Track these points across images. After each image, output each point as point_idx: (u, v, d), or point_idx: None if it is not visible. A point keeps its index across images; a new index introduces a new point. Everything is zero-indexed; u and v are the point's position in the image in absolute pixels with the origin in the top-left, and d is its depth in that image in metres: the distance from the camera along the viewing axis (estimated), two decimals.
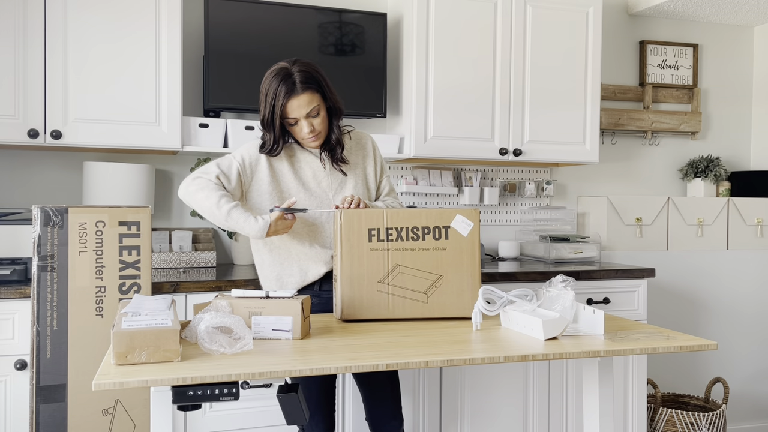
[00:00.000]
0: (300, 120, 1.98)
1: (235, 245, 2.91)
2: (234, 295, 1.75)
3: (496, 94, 3.02)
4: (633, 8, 3.61)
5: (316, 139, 2.03)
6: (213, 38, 2.75)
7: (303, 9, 2.88)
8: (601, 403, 1.88)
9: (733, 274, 3.62)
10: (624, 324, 1.92)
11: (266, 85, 1.98)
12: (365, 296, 1.90)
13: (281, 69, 1.97)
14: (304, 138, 2.02)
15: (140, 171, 2.68)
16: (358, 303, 1.90)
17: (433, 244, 1.95)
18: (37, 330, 2.08)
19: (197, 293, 2.38)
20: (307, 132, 1.99)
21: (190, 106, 2.91)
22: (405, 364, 1.50)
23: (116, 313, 1.88)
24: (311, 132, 2.00)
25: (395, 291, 1.92)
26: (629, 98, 3.64)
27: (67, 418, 2.09)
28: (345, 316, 1.90)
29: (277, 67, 1.99)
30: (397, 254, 1.92)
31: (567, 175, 3.57)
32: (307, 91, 1.95)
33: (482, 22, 2.99)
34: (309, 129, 1.99)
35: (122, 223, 2.16)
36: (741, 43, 3.89)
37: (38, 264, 2.08)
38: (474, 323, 1.83)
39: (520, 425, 2.77)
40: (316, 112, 1.99)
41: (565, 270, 2.84)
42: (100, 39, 2.53)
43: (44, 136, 2.48)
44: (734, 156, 3.89)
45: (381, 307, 1.91)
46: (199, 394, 1.39)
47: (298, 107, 1.96)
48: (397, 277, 1.92)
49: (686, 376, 3.60)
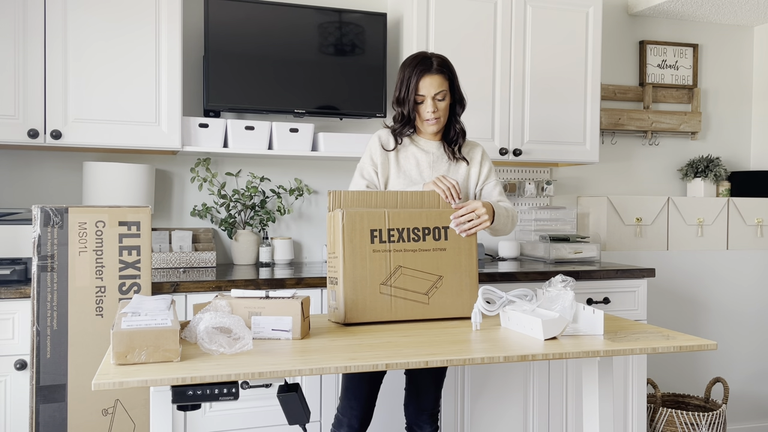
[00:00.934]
0: (427, 99, 2.13)
1: (235, 245, 2.91)
2: (234, 295, 1.75)
3: (496, 94, 3.02)
4: (633, 8, 3.61)
5: (436, 123, 2.17)
6: (213, 38, 2.75)
7: (303, 9, 2.88)
8: (601, 403, 1.88)
9: (733, 274, 3.61)
10: (624, 324, 1.92)
11: (406, 63, 2.17)
12: (368, 298, 1.89)
13: (422, 53, 2.19)
14: (426, 119, 2.15)
15: (140, 171, 2.68)
16: (362, 306, 1.89)
17: (433, 245, 1.95)
18: (37, 330, 2.08)
19: (197, 293, 2.38)
20: (431, 111, 2.13)
21: (190, 106, 2.91)
22: (405, 364, 1.50)
23: (116, 313, 1.88)
24: (434, 113, 2.14)
25: (397, 293, 1.91)
26: (629, 98, 3.64)
27: (67, 418, 2.09)
28: (348, 320, 1.88)
29: (418, 52, 2.20)
30: (398, 255, 1.92)
31: (567, 175, 3.57)
32: (440, 74, 2.13)
33: (482, 22, 2.99)
34: (433, 109, 2.14)
35: (122, 223, 2.16)
36: (741, 43, 3.89)
37: (38, 264, 2.08)
38: (474, 323, 1.83)
39: (520, 425, 2.76)
40: (442, 96, 2.14)
41: (565, 270, 2.84)
42: (100, 39, 2.53)
43: (44, 136, 2.48)
44: (734, 156, 3.89)
45: (383, 310, 1.90)
46: (199, 394, 1.39)
47: (430, 85, 2.12)
48: (399, 279, 1.92)
49: (686, 376, 3.60)
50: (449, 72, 2.16)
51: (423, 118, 2.16)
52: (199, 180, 2.94)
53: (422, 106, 2.15)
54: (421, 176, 2.20)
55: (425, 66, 2.12)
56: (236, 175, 3.03)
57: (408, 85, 2.13)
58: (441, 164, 2.22)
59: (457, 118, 2.22)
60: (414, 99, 2.13)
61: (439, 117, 2.15)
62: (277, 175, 3.10)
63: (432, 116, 2.14)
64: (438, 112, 2.15)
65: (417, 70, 2.12)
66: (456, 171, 2.23)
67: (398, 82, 2.17)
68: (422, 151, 2.22)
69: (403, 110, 2.16)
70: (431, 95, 2.12)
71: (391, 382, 2.38)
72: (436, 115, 2.14)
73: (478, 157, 2.28)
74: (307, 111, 2.89)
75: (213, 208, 3.00)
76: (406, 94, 2.14)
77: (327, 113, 2.94)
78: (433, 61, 2.13)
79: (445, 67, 2.15)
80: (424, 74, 2.11)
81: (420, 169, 2.20)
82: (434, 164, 2.21)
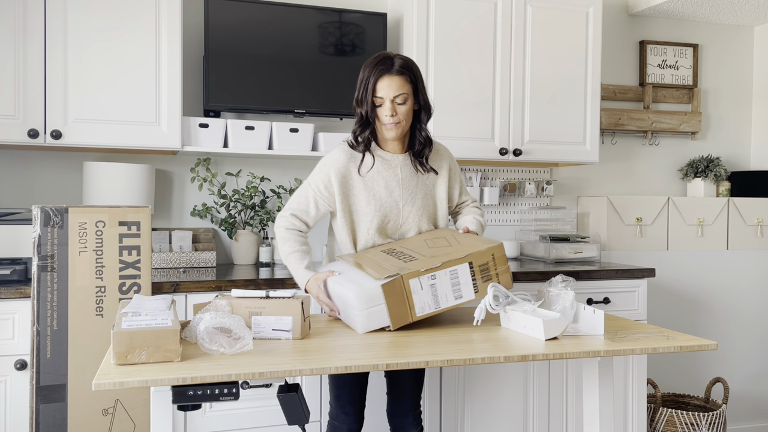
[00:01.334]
0: (386, 101, 2.00)
1: (235, 245, 2.91)
2: (234, 295, 1.75)
3: (496, 94, 3.02)
4: (633, 8, 3.61)
5: (396, 127, 2.03)
6: (213, 38, 2.75)
7: (303, 9, 2.88)
8: (601, 403, 1.88)
9: (733, 274, 3.61)
10: (624, 324, 1.92)
11: (367, 63, 2.04)
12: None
13: (384, 53, 2.06)
14: (385, 123, 2.02)
15: (140, 171, 2.68)
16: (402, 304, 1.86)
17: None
18: (37, 330, 2.08)
19: (197, 293, 2.38)
20: (389, 115, 2.00)
21: (190, 106, 2.91)
22: (405, 364, 1.50)
23: (116, 313, 1.89)
24: (392, 116, 2.00)
25: (405, 257, 1.92)
26: (629, 98, 3.64)
27: (67, 418, 2.09)
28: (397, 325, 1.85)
29: (381, 52, 2.08)
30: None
31: (567, 175, 3.57)
32: (401, 75, 2.00)
33: (482, 22, 2.99)
34: (392, 112, 2.00)
35: (122, 223, 2.16)
36: (741, 43, 3.89)
37: (38, 264, 2.08)
38: (476, 318, 1.83)
39: (520, 425, 2.76)
40: (402, 100, 2.01)
41: (565, 270, 2.84)
42: (100, 39, 2.53)
43: (44, 136, 2.48)
44: (734, 156, 3.89)
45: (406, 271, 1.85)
46: (199, 394, 1.39)
47: (389, 87, 1.99)
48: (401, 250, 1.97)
49: (686, 376, 3.60)
50: (412, 75, 2.03)
51: (382, 122, 2.03)
52: (199, 180, 2.94)
53: (381, 109, 2.02)
54: (391, 197, 2.08)
55: (385, 66, 2.00)
56: (236, 175, 3.03)
57: (366, 85, 2.01)
58: (410, 180, 2.11)
59: (422, 126, 2.10)
60: (372, 101, 2.01)
61: (399, 122, 2.02)
62: (277, 175, 3.10)
63: (390, 120, 2.00)
64: (398, 116, 2.01)
65: (376, 70, 1.99)
66: (424, 183, 2.14)
67: (358, 82, 2.05)
68: (388, 170, 2.09)
69: (362, 111, 2.04)
70: (390, 98, 1.99)
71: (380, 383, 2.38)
72: (396, 120, 2.01)
73: (445, 164, 2.18)
74: (307, 111, 2.89)
75: (213, 208, 3.00)
76: (364, 95, 2.01)
77: (327, 113, 2.94)
78: (395, 61, 2.01)
79: (408, 69, 2.02)
80: (383, 75, 1.99)
81: (389, 190, 2.09)
82: (403, 182, 2.10)
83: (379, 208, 2.07)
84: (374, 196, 2.07)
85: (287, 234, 2.10)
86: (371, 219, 2.07)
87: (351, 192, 2.08)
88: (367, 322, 1.79)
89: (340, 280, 1.89)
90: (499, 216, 3.42)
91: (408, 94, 2.02)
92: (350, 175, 2.07)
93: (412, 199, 2.11)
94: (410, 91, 2.03)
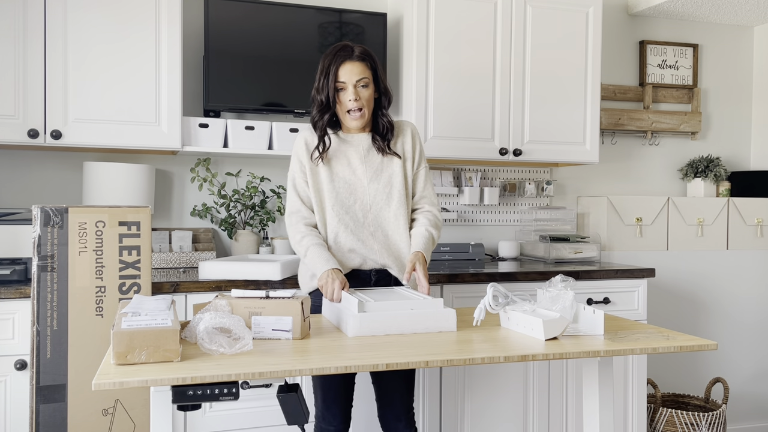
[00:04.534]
0: (348, 86, 2.05)
1: (235, 245, 2.91)
2: (234, 295, 1.75)
3: (496, 94, 3.02)
4: (633, 8, 3.61)
5: (360, 116, 2.08)
6: (213, 38, 2.75)
7: (303, 9, 2.88)
8: (601, 403, 1.88)
9: (733, 274, 3.61)
10: (624, 324, 1.92)
11: (327, 53, 2.09)
12: None
13: (343, 43, 2.11)
14: (348, 108, 2.07)
15: (140, 171, 2.68)
16: None
17: None
18: (37, 330, 2.08)
19: (197, 293, 2.38)
20: (353, 100, 2.05)
21: (190, 106, 2.91)
22: (405, 364, 1.50)
23: (116, 313, 1.88)
24: (356, 101, 2.05)
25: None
26: (629, 98, 3.64)
27: (67, 418, 2.09)
28: None
29: (338, 43, 2.12)
30: None
31: (567, 175, 3.57)
32: (361, 61, 2.06)
33: (482, 22, 2.99)
34: (355, 97, 2.05)
35: (122, 223, 2.16)
36: (741, 43, 3.89)
37: (38, 264, 2.08)
38: (475, 318, 1.83)
39: (520, 425, 2.76)
40: (364, 83, 2.06)
41: (565, 270, 2.84)
42: (100, 39, 2.53)
43: (44, 136, 2.48)
44: (734, 156, 3.89)
45: None
46: (199, 394, 1.39)
47: (351, 72, 2.04)
48: None
49: (686, 376, 3.60)
50: (371, 60, 2.08)
51: (345, 107, 2.07)
52: (199, 180, 2.94)
53: (343, 93, 2.06)
54: (354, 175, 2.12)
55: (346, 53, 2.05)
56: (236, 175, 3.03)
57: (328, 73, 2.05)
58: (373, 158, 2.14)
59: (384, 111, 2.14)
60: (335, 86, 2.05)
61: (362, 107, 2.06)
62: (277, 175, 3.10)
63: (354, 105, 2.05)
64: (360, 101, 2.05)
65: (338, 57, 2.04)
66: (389, 165, 2.15)
67: (318, 72, 2.08)
68: (351, 147, 2.14)
69: (321, 97, 2.07)
70: (352, 82, 2.04)
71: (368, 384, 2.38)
72: (359, 105, 2.05)
73: (409, 148, 2.19)
74: (307, 111, 2.89)
75: (213, 208, 3.00)
76: (326, 82, 2.05)
77: None
78: (355, 49, 2.07)
79: (367, 56, 2.08)
80: (345, 60, 2.04)
81: (352, 168, 2.12)
82: (366, 158, 2.13)
83: (343, 186, 2.11)
84: (337, 174, 2.12)
85: (293, 229, 2.14)
86: (336, 196, 2.10)
87: (316, 171, 2.13)
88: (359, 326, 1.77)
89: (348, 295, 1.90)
90: (499, 216, 3.42)
91: (369, 80, 2.07)
92: (313, 157, 2.13)
93: (377, 177, 2.13)
94: (371, 77, 2.08)
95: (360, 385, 2.30)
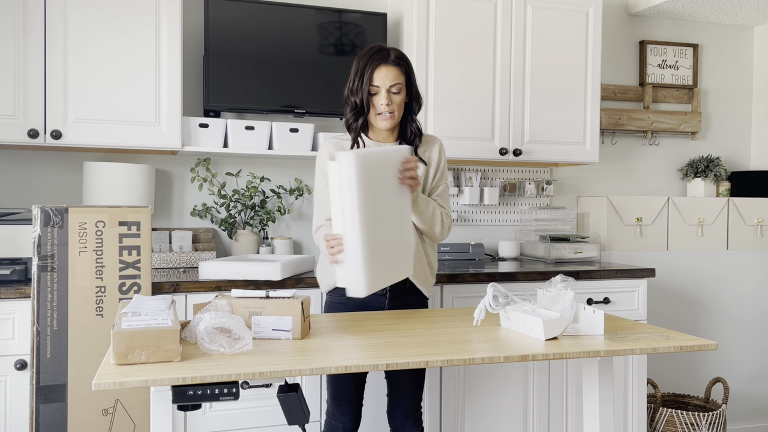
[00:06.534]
0: (381, 90, 2.05)
1: (235, 245, 2.91)
2: (234, 295, 1.75)
3: (496, 94, 3.02)
4: (633, 8, 3.61)
5: (390, 118, 2.08)
6: (213, 38, 2.75)
7: (303, 9, 2.88)
8: (601, 403, 1.88)
9: (733, 274, 3.61)
10: (624, 324, 1.92)
11: (362, 54, 2.09)
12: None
13: (379, 45, 2.11)
14: (379, 111, 2.07)
15: (140, 171, 2.68)
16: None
17: None
18: (37, 330, 2.08)
19: (197, 293, 2.38)
20: (385, 104, 2.05)
21: (190, 106, 2.91)
22: (405, 364, 1.50)
23: (116, 313, 1.89)
24: (388, 105, 2.05)
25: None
26: (629, 98, 3.64)
27: (67, 418, 2.09)
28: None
29: (374, 44, 2.12)
30: None
31: (567, 175, 3.57)
32: (396, 66, 2.06)
33: (482, 22, 2.99)
34: (387, 101, 2.05)
35: (122, 223, 2.16)
36: (741, 43, 3.89)
37: (38, 264, 2.08)
38: (475, 318, 1.83)
39: (520, 425, 2.76)
40: (397, 90, 2.06)
41: (565, 270, 2.84)
42: (100, 39, 2.53)
43: (44, 136, 2.48)
44: (734, 156, 3.89)
45: None
46: (199, 393, 1.39)
47: (385, 76, 2.04)
48: None
49: (686, 376, 3.60)
50: (406, 66, 2.09)
51: (377, 110, 2.07)
52: (199, 180, 2.94)
53: (376, 97, 2.06)
54: None
55: (382, 56, 2.05)
56: (236, 175, 3.03)
57: (362, 75, 2.04)
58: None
59: (413, 117, 2.15)
60: (368, 90, 2.05)
61: (393, 111, 2.06)
62: (277, 175, 3.10)
63: (386, 109, 2.05)
64: (392, 106, 2.06)
65: (373, 60, 2.04)
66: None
67: (353, 73, 2.08)
68: None
69: (356, 99, 2.07)
70: (386, 87, 2.04)
71: (378, 384, 2.38)
72: (390, 109, 2.06)
73: (435, 158, 2.19)
74: (307, 111, 2.89)
75: (213, 208, 3.00)
76: (360, 84, 2.05)
77: (327, 113, 2.94)
78: (390, 53, 2.06)
79: (403, 60, 2.08)
80: (380, 64, 2.04)
81: None
82: None
83: None
84: None
85: (319, 234, 2.12)
86: None
87: None
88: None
89: None
90: (499, 216, 3.42)
91: (402, 85, 2.07)
92: None
93: None
94: (404, 82, 2.08)
95: (370, 384, 2.31)
